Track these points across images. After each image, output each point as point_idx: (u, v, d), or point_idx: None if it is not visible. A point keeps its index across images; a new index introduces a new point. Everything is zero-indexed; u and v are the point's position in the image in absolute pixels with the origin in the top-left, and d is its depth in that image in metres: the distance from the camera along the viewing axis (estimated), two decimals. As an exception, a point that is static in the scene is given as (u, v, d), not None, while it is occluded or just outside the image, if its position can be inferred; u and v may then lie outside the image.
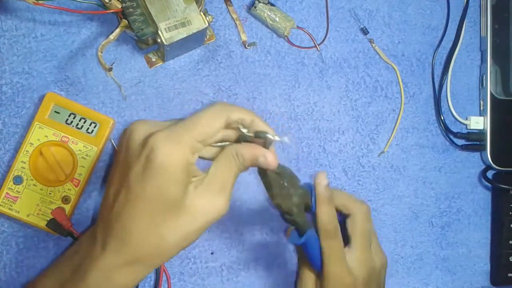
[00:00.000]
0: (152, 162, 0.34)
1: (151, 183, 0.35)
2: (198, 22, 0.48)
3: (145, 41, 0.52)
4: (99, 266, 0.36)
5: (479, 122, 0.58)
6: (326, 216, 0.44)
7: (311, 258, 0.45)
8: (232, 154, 0.37)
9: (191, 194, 0.36)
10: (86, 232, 0.45)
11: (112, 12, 0.47)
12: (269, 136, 0.37)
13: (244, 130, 0.38)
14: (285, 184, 0.41)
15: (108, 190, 0.38)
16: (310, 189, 0.45)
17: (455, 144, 0.59)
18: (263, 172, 0.40)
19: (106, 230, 0.37)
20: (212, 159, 0.39)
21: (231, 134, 0.39)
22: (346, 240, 0.46)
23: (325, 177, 0.44)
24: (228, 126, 0.38)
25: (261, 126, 0.38)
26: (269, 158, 0.37)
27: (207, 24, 0.48)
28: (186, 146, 0.35)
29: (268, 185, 0.41)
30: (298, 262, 0.53)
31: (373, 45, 0.58)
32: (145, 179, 0.35)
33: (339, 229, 0.45)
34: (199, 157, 0.38)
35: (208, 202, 0.36)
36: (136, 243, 0.36)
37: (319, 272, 0.45)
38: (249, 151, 0.37)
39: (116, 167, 0.38)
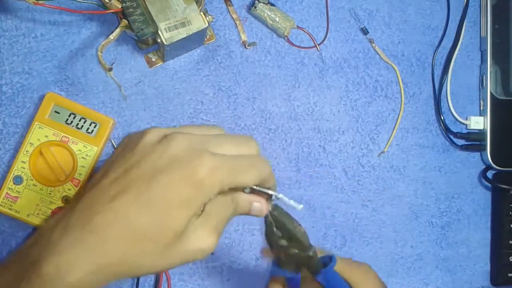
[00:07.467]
0: (198, 177, 0.30)
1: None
2: (198, 22, 0.48)
3: (145, 41, 0.52)
4: (59, 261, 0.29)
5: (479, 122, 0.58)
6: None
7: None
8: (229, 198, 0.34)
9: (191, 226, 0.32)
10: (53, 220, 0.33)
11: (112, 12, 0.47)
12: (271, 193, 0.35)
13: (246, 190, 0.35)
14: (293, 224, 0.37)
15: (109, 171, 0.32)
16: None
17: (455, 144, 0.59)
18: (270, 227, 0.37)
19: (89, 218, 0.30)
20: None
21: None
22: None
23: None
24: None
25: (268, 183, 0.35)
26: (264, 207, 0.35)
27: (207, 24, 0.48)
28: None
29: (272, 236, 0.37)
30: None
31: (373, 45, 0.58)
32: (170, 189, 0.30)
33: None
34: None
35: (200, 240, 0.32)
36: (121, 248, 0.30)
37: None
38: (246, 197, 0.35)
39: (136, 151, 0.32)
